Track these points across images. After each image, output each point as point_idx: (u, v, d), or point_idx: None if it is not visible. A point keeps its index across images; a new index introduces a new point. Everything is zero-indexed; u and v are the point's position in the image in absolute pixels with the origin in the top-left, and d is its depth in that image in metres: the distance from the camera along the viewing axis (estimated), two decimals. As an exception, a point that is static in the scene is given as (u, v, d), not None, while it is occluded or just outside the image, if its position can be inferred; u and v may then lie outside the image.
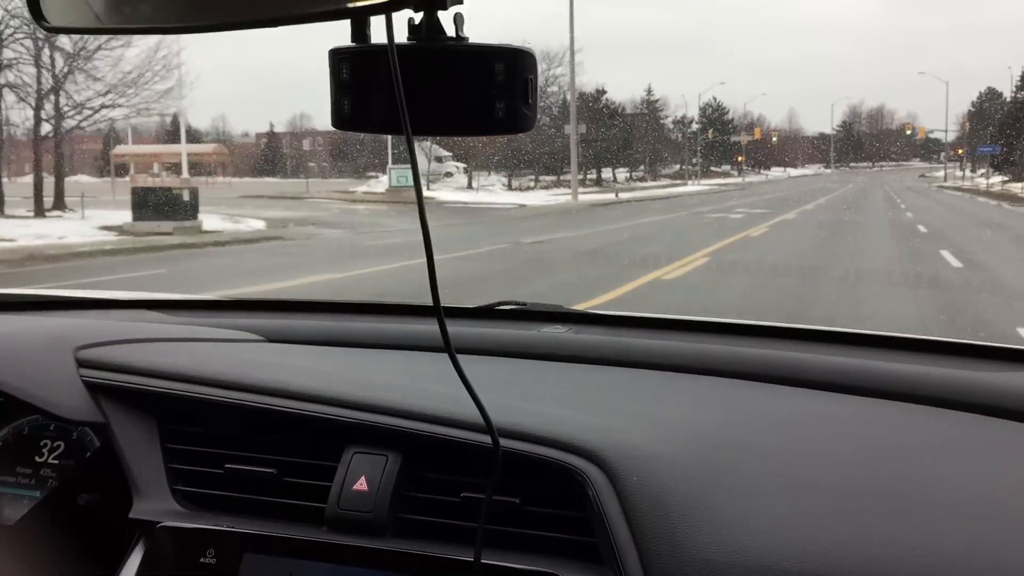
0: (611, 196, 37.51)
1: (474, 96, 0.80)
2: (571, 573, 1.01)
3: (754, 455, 1.11)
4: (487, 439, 0.99)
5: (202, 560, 1.08)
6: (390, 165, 37.04)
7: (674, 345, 1.53)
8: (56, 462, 1.31)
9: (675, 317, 1.74)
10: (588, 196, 37.36)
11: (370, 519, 1.11)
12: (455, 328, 1.29)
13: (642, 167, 61.85)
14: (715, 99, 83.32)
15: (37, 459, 1.33)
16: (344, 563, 1.06)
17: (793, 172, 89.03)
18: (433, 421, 1.14)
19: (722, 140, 75.54)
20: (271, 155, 66.73)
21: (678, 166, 68.90)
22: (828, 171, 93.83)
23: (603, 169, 53.33)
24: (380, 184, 37.59)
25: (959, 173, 68.00)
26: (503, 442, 1.01)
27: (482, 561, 0.96)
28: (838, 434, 1.20)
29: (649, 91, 69.64)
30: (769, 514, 0.98)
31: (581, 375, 1.44)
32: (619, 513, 1.00)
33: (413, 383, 1.31)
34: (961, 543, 0.93)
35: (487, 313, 1.79)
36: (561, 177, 49.34)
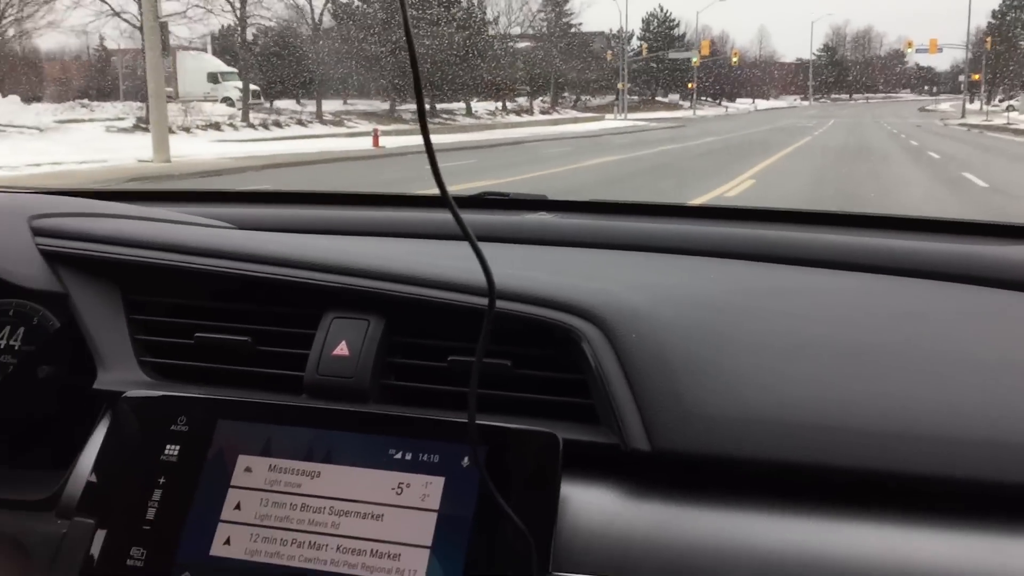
0: (362, 146, 20.15)
1: None
2: (568, 434, 0.93)
3: (757, 318, 1.09)
4: (474, 299, 1.01)
5: (173, 428, 0.99)
6: None
7: (667, 227, 1.50)
8: (15, 346, 1.20)
9: (665, 203, 1.73)
10: (318, 144, 20.32)
11: (352, 384, 1.04)
12: (439, 215, 1.52)
13: (545, 95, 44.48)
14: (661, 8, 65.68)
15: None
16: (326, 427, 0.96)
17: (762, 104, 72.57)
18: (417, 283, 1.07)
19: (661, 59, 58.08)
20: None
21: (614, 96, 51.98)
22: (805, 103, 78.12)
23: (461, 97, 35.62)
24: None
25: (971, 106, 51.70)
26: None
27: (476, 422, 0.87)
28: (842, 301, 1.19)
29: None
30: (775, 371, 0.97)
31: (571, 255, 1.41)
32: (618, 371, 0.96)
33: (395, 249, 1.31)
34: (971, 395, 0.93)
35: (472, 202, 1.75)
36: (356, 105, 32.41)
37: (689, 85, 59.28)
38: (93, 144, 18.14)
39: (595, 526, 0.90)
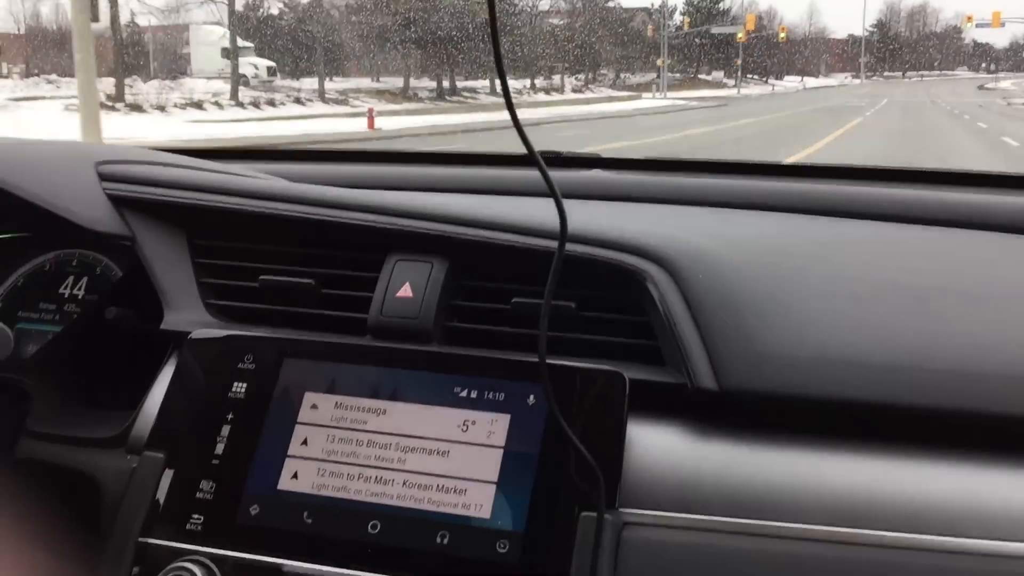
0: (358, 128, 18.05)
1: None
2: (633, 375, 0.93)
3: (823, 263, 1.09)
4: (538, 241, 1.02)
5: (240, 366, 1.00)
6: None
7: (725, 183, 1.49)
8: (79, 295, 1.23)
9: (722, 160, 1.70)
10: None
11: (416, 325, 1.04)
12: (495, 172, 1.61)
13: (580, 73, 42.48)
14: (706, -19, 62.88)
15: (61, 293, 1.25)
16: (392, 366, 0.97)
17: (811, 82, 69.57)
18: (480, 226, 1.07)
19: (704, 34, 55.48)
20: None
21: (655, 74, 49.72)
22: (856, 81, 74.93)
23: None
24: None
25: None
26: (555, 245, 0.95)
27: (547, 361, 0.85)
28: (909, 251, 1.19)
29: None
30: (844, 312, 0.96)
31: (629, 209, 1.39)
32: (684, 312, 0.96)
33: (457, 197, 1.32)
34: None
35: (524, 160, 1.70)
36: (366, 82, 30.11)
37: (735, 62, 56.75)
38: (36, 125, 16.32)
39: (662, 465, 0.89)
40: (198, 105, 22.10)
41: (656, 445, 0.90)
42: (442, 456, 0.89)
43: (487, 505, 0.86)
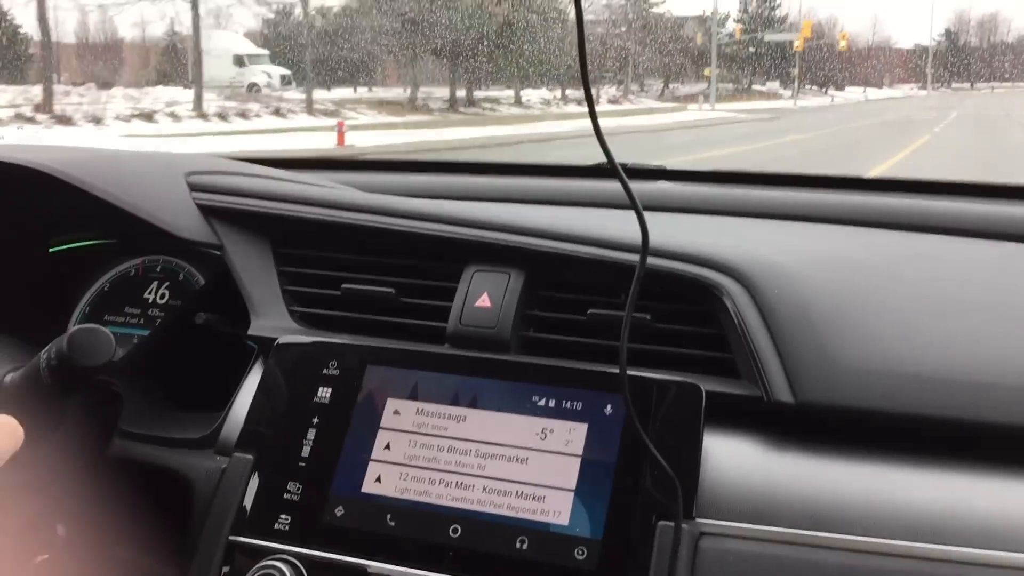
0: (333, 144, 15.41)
1: None
2: (708, 387, 0.94)
3: (899, 279, 1.09)
4: (615, 254, 1.03)
5: (325, 372, 1.03)
6: None
7: (793, 196, 1.47)
8: (163, 301, 1.29)
9: (789, 173, 1.65)
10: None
11: (494, 335, 1.07)
12: (560, 183, 1.61)
13: (620, 83, 39.78)
14: (761, -13, 59.73)
15: (146, 298, 1.30)
16: (471, 374, 1.00)
17: (874, 94, 65.93)
18: (557, 238, 1.10)
19: (757, 42, 52.36)
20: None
21: (706, 84, 46.94)
22: (923, 93, 71.10)
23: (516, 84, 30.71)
24: None
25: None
26: (632, 258, 1.01)
27: (627, 372, 0.88)
28: (985, 267, 1.17)
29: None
30: (921, 328, 0.97)
31: (696, 221, 1.40)
32: (760, 325, 0.97)
33: (531, 208, 1.33)
34: None
35: (589, 172, 1.74)
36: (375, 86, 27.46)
37: (792, 71, 53.53)
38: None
39: (737, 476, 0.90)
40: (148, 117, 19.57)
41: (731, 457, 0.91)
42: (521, 463, 0.92)
43: (565, 512, 0.89)
